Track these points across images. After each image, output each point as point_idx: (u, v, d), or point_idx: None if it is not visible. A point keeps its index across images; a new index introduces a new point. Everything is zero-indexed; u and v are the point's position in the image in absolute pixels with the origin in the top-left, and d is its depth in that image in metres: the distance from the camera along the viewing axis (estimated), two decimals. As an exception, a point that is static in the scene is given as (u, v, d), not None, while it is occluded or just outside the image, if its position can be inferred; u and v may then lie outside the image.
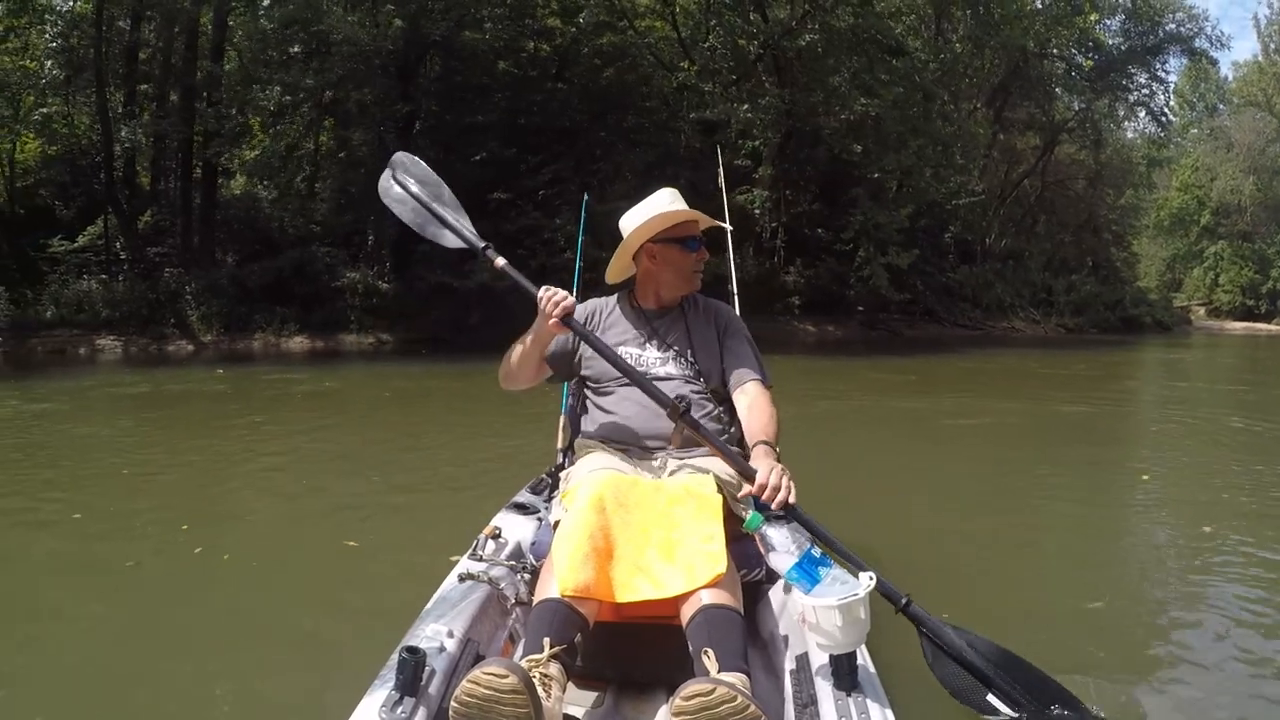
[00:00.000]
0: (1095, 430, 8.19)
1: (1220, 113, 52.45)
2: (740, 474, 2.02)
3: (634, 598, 1.79)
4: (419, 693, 1.55)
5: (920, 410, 9.26)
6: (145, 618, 3.07)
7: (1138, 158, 40.21)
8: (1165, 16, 33.04)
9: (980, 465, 6.21)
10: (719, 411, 2.32)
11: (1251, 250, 50.08)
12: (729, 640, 1.68)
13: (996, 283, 29.95)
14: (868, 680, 1.64)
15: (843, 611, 1.62)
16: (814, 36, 19.20)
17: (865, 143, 20.42)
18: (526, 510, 2.49)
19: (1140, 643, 2.92)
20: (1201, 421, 8.79)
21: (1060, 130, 33.09)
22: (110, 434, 7.43)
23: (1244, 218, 50.04)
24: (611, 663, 2.00)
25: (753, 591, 2.07)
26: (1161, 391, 13.18)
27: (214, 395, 10.55)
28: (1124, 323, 33.68)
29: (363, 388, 11.59)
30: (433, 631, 1.77)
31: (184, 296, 17.37)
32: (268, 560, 3.75)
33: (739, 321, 2.49)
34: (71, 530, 4.22)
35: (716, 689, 1.47)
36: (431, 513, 4.51)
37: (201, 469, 5.79)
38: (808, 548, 1.75)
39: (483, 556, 2.17)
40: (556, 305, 2.14)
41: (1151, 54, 33.11)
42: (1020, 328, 29.54)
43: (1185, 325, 42.71)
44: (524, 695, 1.48)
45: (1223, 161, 50.25)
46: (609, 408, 2.29)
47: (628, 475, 2.05)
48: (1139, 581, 3.65)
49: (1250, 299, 49.99)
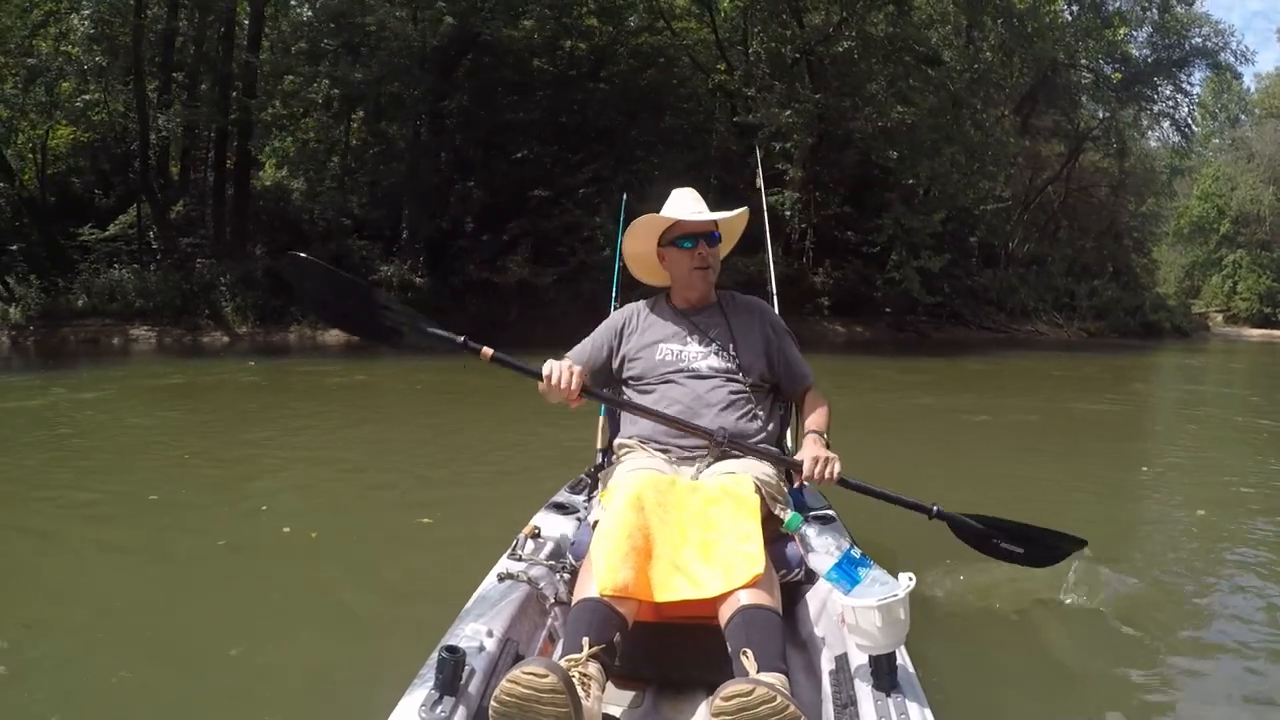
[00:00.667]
0: (1112, 427, 8.64)
1: (1242, 123, 52.79)
2: (790, 468, 2.10)
3: (672, 597, 1.79)
4: (458, 692, 1.55)
5: (959, 405, 9.55)
6: (249, 597, 3.16)
7: (1160, 167, 40.20)
8: (1191, 30, 33.00)
9: (1007, 454, 6.56)
10: (757, 409, 2.31)
11: (1270, 259, 50.12)
12: (768, 641, 1.68)
13: (1020, 287, 29.98)
14: (907, 681, 1.63)
15: (882, 612, 1.62)
16: (850, 44, 19.25)
17: (900, 149, 20.45)
18: (566, 510, 2.49)
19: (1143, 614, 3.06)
20: (1213, 419, 9.48)
21: (1085, 138, 33.10)
22: (156, 423, 7.47)
23: (1263, 227, 50.09)
24: (650, 662, 1.99)
25: (792, 592, 2.09)
26: (1178, 394, 13.51)
27: (254, 387, 10.64)
28: (1144, 328, 33.92)
29: (435, 381, 11.24)
30: (472, 631, 1.76)
31: (218, 288, 17.33)
32: (349, 539, 3.88)
33: (779, 318, 2.51)
34: (147, 514, 4.29)
35: (756, 689, 1.47)
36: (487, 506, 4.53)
37: (256, 457, 5.87)
38: (847, 548, 1.75)
39: (522, 556, 2.18)
40: (567, 390, 2.11)
41: (1177, 66, 33.09)
42: (1044, 331, 29.64)
43: (1203, 331, 42.75)
44: (563, 695, 1.48)
45: (1243, 171, 50.40)
46: (650, 407, 2.27)
47: (666, 475, 2.04)
48: (1128, 546, 3.93)
49: (1268, 307, 49.99)
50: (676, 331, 2.37)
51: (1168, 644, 2.80)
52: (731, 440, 2.11)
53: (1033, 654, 2.73)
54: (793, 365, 2.40)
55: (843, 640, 1.78)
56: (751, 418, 2.26)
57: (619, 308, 2.58)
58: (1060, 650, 2.74)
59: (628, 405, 2.28)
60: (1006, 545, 2.28)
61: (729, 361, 2.31)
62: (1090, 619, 2.94)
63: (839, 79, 20.78)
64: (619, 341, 2.40)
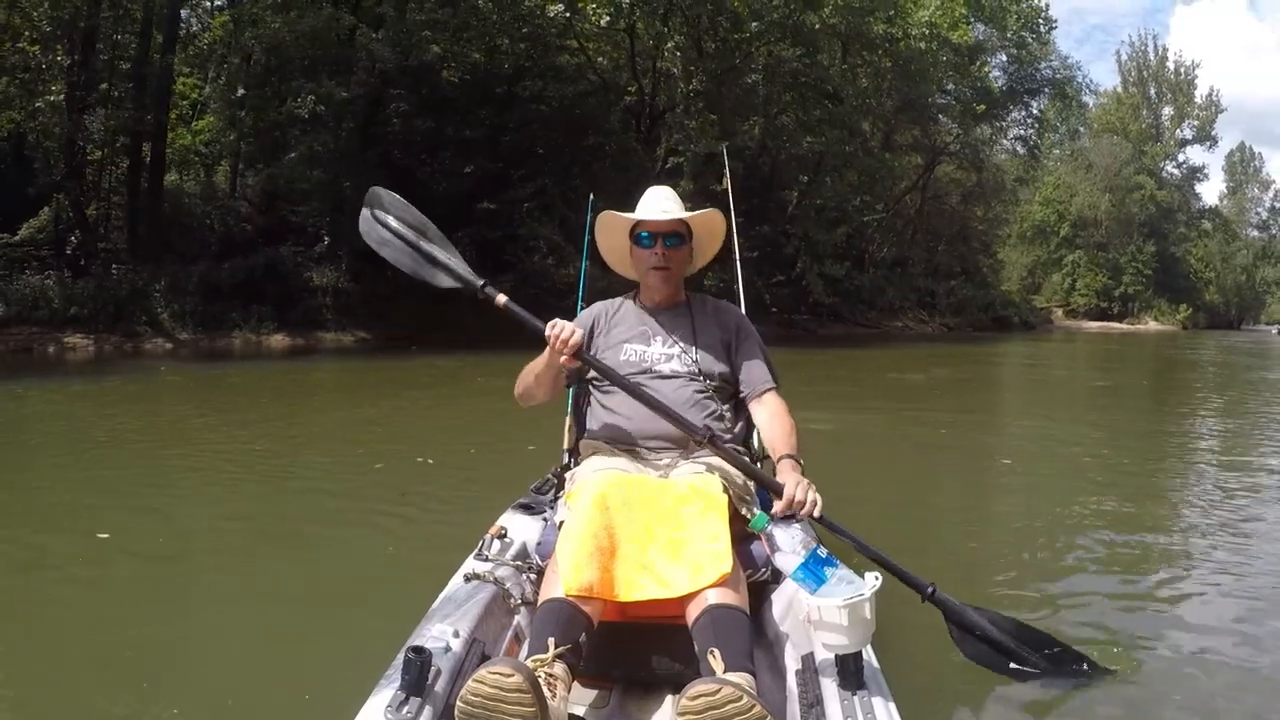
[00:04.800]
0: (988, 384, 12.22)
1: (1081, 136, 58.12)
2: (769, 488, 2.06)
3: (639, 597, 1.79)
4: (425, 692, 1.55)
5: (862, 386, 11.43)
6: (205, 602, 3.20)
7: (1010, 180, 44.54)
8: (1043, 63, 37.47)
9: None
10: (722, 410, 2.31)
11: (1106, 259, 56.42)
12: (735, 640, 1.68)
13: (888, 288, 33.17)
14: (873, 679, 1.64)
15: (848, 611, 1.63)
16: (757, 77, 21.56)
17: (808, 173, 23.09)
18: (532, 510, 2.48)
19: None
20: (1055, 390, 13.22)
21: (941, 153, 36.80)
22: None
23: (1099, 230, 56.23)
24: (617, 662, 1.99)
25: (758, 591, 2.07)
26: (1034, 370, 18.02)
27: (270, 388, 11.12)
28: (995, 322, 38.78)
29: (390, 380, 12.08)
30: (438, 631, 1.76)
31: (151, 295, 16.99)
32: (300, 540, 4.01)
33: (748, 323, 2.47)
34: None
35: (722, 689, 1.47)
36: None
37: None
38: (814, 548, 1.74)
39: (488, 556, 2.18)
40: (565, 344, 2.13)
41: (1029, 95, 37.84)
42: (911, 326, 33.21)
43: (1048, 324, 48.32)
44: (529, 695, 1.48)
45: (1082, 180, 56.21)
46: (614, 408, 2.29)
47: (632, 474, 2.06)
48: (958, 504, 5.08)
49: (1104, 302, 56.49)
50: (642, 331, 2.37)
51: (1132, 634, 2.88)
52: (714, 439, 2.11)
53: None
54: (751, 368, 2.35)
55: (809, 639, 1.78)
56: (718, 418, 2.27)
57: (585, 308, 2.57)
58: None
59: (614, 375, 2.24)
60: (1015, 666, 2.23)
61: (691, 363, 2.30)
62: (1056, 615, 3.02)
63: (745, 107, 23.09)
64: (588, 340, 2.37)
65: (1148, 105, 64.60)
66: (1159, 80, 65.18)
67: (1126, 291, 57.22)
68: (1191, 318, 60.69)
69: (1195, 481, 5.76)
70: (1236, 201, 76.91)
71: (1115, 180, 55.71)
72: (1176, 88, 64.55)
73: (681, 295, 2.45)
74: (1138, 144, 59.58)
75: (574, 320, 2.33)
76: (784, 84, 22.32)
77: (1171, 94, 64.71)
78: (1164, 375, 17.82)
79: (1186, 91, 64.34)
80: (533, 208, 19.32)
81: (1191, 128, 64.51)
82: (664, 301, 2.42)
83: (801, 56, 21.53)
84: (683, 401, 2.23)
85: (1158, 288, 59.36)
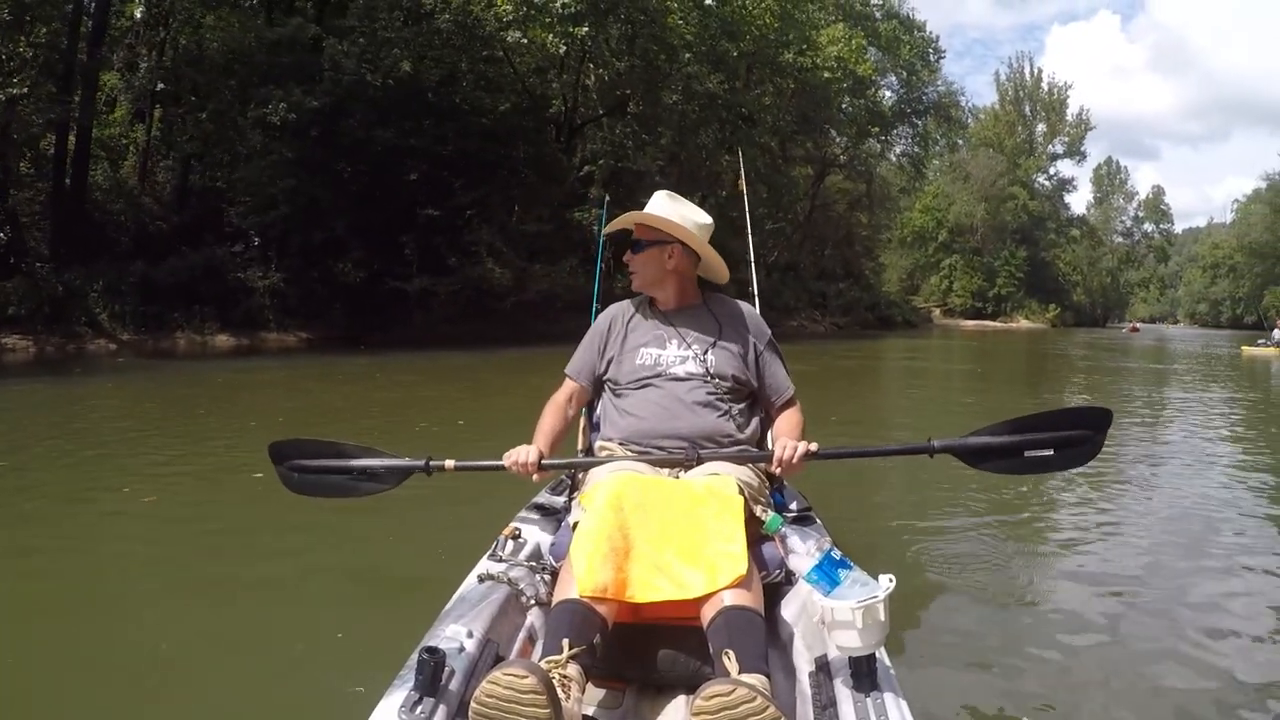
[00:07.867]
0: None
1: (960, 149, 61.73)
2: (763, 467, 2.14)
3: (654, 598, 1.78)
4: (438, 693, 1.55)
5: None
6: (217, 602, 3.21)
7: (895, 191, 47.93)
8: (929, 87, 41.19)
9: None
10: (736, 410, 2.30)
11: (981, 263, 61.15)
12: (750, 641, 1.68)
13: (784, 290, 35.72)
14: (887, 682, 1.63)
15: (862, 613, 1.60)
16: (678, 97, 23.54)
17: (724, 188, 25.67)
18: (546, 511, 2.49)
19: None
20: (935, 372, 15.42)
21: (831, 164, 39.71)
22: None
23: (975, 236, 60.95)
24: (631, 663, 1.96)
25: (772, 593, 2.04)
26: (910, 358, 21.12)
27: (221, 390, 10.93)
28: (880, 320, 42.31)
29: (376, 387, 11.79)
30: (452, 632, 1.76)
31: (89, 295, 16.72)
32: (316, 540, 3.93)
33: (765, 327, 2.46)
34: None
35: (736, 690, 1.46)
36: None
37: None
38: (828, 549, 1.71)
39: (502, 557, 2.19)
40: (527, 468, 2.16)
41: (917, 116, 41.44)
42: (805, 325, 35.93)
43: (928, 323, 52.50)
44: (543, 696, 1.47)
45: (960, 190, 60.61)
46: (629, 409, 2.29)
47: (647, 476, 2.04)
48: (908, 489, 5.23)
49: (979, 302, 61.27)
50: (657, 335, 2.36)
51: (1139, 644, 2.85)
52: (702, 452, 2.14)
53: (1013, 655, 2.75)
54: (774, 376, 2.38)
55: (822, 641, 1.76)
56: (730, 418, 2.27)
57: (601, 311, 2.58)
58: (1040, 650, 2.78)
59: (576, 465, 2.33)
60: (1031, 453, 2.15)
61: (707, 365, 2.29)
62: (1065, 619, 3.02)
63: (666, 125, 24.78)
64: (604, 344, 2.42)
65: (1023, 122, 69.44)
66: (1034, 99, 70.23)
67: (1000, 293, 61.95)
68: (1060, 317, 65.43)
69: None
70: (1103, 210, 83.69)
71: (991, 190, 60.51)
72: (1050, 106, 69.67)
73: (697, 296, 2.44)
74: (1012, 157, 64.45)
75: (591, 329, 2.47)
76: (700, 104, 24.31)
77: (1045, 112, 69.85)
78: (1033, 365, 20.99)
79: (1059, 110, 69.55)
80: (473, 215, 20.58)
81: (1063, 143, 69.79)
82: (677, 303, 2.40)
83: (720, 82, 23.74)
84: (697, 401, 2.24)
85: (1029, 289, 64.16)
